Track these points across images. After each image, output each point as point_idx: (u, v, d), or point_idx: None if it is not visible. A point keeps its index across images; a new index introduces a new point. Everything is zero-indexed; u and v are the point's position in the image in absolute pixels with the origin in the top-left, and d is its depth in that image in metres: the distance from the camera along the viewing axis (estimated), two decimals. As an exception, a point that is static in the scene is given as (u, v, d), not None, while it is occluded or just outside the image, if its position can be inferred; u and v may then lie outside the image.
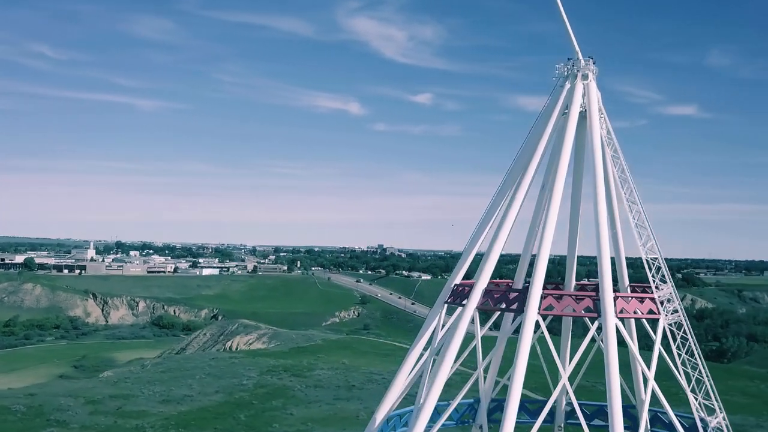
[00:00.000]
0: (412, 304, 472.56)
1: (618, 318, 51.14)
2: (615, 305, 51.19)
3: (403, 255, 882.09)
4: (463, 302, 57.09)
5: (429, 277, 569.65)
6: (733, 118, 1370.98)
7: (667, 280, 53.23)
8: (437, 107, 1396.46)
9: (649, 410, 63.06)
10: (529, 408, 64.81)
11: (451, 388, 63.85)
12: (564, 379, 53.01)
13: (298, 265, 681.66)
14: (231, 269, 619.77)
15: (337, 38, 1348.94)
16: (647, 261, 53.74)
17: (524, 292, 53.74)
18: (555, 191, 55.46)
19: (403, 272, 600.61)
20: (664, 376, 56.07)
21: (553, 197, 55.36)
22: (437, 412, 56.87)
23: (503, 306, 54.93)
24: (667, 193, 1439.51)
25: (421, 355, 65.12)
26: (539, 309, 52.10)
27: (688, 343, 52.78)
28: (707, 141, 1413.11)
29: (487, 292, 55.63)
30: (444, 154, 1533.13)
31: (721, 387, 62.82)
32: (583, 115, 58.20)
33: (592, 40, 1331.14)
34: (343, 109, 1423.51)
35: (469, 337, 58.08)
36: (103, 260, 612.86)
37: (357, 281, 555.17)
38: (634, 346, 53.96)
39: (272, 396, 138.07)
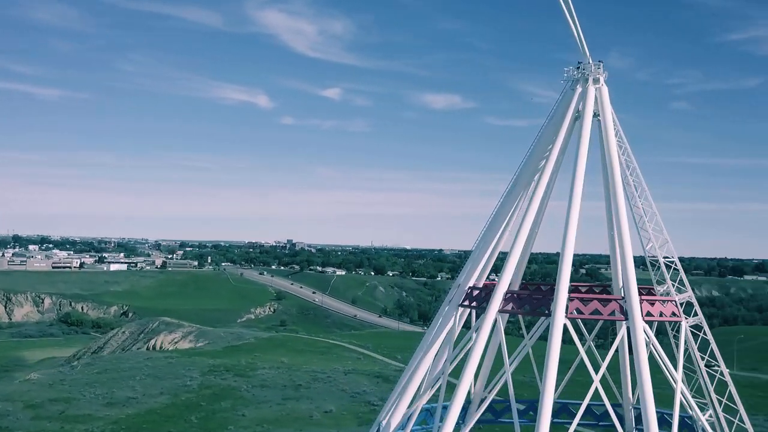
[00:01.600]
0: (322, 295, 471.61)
1: (645, 321, 52.07)
2: (641, 309, 52.10)
3: (314, 250, 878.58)
4: (483, 305, 57.05)
5: (344, 273, 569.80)
6: (629, 119, 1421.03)
7: (685, 282, 54.55)
8: (346, 102, 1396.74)
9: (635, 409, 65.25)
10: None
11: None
12: (596, 382, 53.37)
13: (209, 261, 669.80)
14: (139, 265, 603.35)
15: (247, 30, 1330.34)
16: (664, 264, 54.81)
17: (549, 296, 54.16)
18: (575, 193, 56.21)
19: (317, 267, 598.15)
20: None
21: (573, 199, 56.01)
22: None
23: (528, 310, 55.03)
24: (565, 189, 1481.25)
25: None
26: (566, 312, 52.47)
27: (687, 345, 54.13)
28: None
29: (509, 296, 55.66)
30: (353, 150, 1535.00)
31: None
32: (597, 119, 59.14)
33: (494, 37, 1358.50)
34: (250, 101, 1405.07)
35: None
36: (3, 255, 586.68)
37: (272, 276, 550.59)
38: (659, 350, 54.74)
39: (219, 397, 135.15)
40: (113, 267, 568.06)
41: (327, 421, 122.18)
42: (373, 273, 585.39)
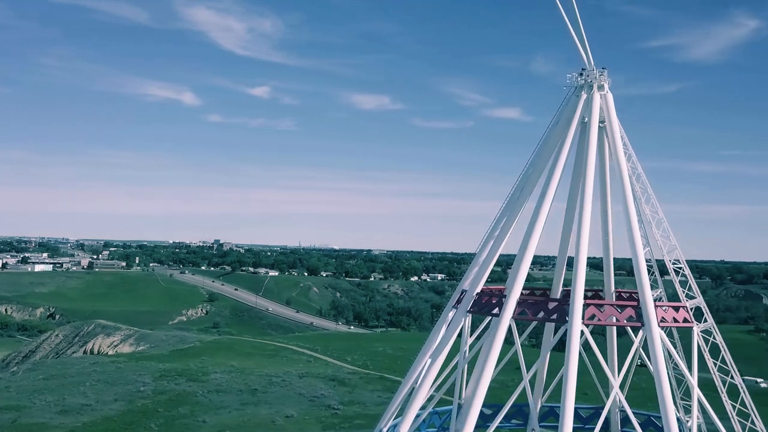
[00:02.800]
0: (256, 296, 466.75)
1: (660, 327, 52.67)
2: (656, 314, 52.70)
3: (242, 250, 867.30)
4: (494, 311, 56.87)
5: (276, 274, 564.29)
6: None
7: (694, 289, 55.36)
8: (274, 101, 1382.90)
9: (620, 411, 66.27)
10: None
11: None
12: (615, 388, 53.70)
13: (137, 261, 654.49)
14: (65, 265, 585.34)
15: (174, 27, 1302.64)
16: (672, 269, 55.55)
17: (564, 302, 54.33)
18: (586, 198, 56.48)
19: (249, 268, 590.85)
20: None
21: (585, 204, 56.32)
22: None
23: (543, 316, 55.04)
24: (494, 191, 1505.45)
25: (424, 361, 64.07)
26: (583, 319, 52.69)
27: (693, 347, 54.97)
28: (532, 143, 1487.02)
29: (522, 302, 55.58)
30: (281, 149, 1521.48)
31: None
32: (601, 125, 59.69)
33: (424, 39, 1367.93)
34: (175, 98, 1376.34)
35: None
36: None
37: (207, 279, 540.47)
38: (676, 355, 55.21)
39: (176, 402, 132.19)
40: (38, 267, 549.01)
41: (290, 426, 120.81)
42: (306, 274, 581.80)
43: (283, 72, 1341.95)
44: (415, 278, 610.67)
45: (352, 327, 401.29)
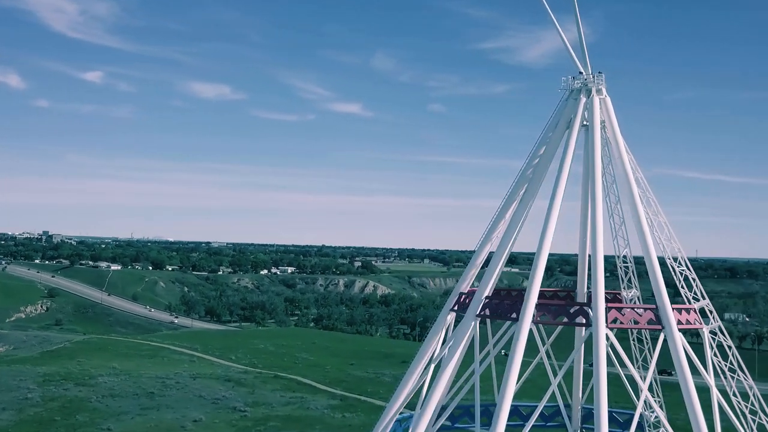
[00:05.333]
0: (108, 296, 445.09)
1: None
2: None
3: (74, 242, 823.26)
4: (511, 316, 56.81)
5: (119, 267, 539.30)
6: (392, 118, 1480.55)
7: (698, 291, 57.61)
8: (109, 87, 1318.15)
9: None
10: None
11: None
12: (644, 387, 54.80)
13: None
14: None
15: (1, 5, 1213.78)
16: (672, 268, 57.52)
17: (585, 305, 55.09)
18: (597, 200, 57.54)
19: (89, 262, 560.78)
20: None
21: (596, 206, 57.36)
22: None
23: (565, 320, 55.48)
24: (331, 185, 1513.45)
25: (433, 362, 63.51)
26: (607, 322, 53.60)
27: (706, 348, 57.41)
28: (371, 138, 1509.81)
29: (541, 306, 55.82)
30: (115, 137, 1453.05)
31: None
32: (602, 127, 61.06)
33: (267, 30, 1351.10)
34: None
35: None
36: None
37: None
38: (692, 356, 56.86)
39: (71, 410, 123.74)
40: None
41: (202, 431, 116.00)
42: (151, 268, 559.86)
43: (118, 57, 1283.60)
44: (265, 271, 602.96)
45: (196, 323, 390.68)
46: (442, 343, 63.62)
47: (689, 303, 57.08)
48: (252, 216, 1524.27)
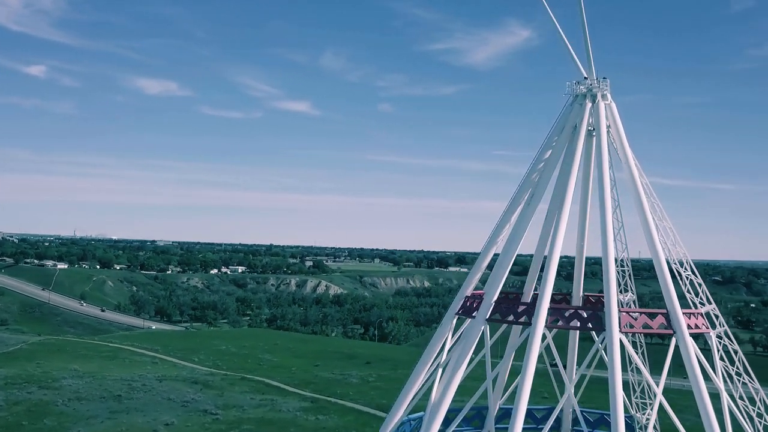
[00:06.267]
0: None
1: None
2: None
3: (15, 240, 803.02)
4: (520, 320, 56.97)
5: (66, 266, 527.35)
6: (340, 117, 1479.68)
7: (700, 292, 58.47)
8: (52, 81, 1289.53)
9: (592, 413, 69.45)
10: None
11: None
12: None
13: None
14: None
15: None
16: (678, 273, 58.25)
17: (599, 311, 55.43)
18: (606, 205, 58.05)
19: (34, 260, 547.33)
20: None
21: (606, 211, 57.85)
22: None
23: (578, 326, 55.75)
24: (278, 183, 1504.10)
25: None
26: (620, 327, 54.03)
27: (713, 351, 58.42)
28: (319, 137, 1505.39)
29: (553, 311, 55.98)
30: (58, 132, 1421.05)
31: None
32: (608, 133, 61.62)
33: (214, 27, 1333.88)
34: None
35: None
36: None
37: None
38: (703, 360, 57.49)
39: (38, 414, 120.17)
40: None
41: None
42: (99, 266, 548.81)
43: (62, 51, 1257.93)
44: (215, 271, 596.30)
45: (148, 323, 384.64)
46: (446, 347, 63.24)
47: (696, 308, 57.89)
48: (198, 214, 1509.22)
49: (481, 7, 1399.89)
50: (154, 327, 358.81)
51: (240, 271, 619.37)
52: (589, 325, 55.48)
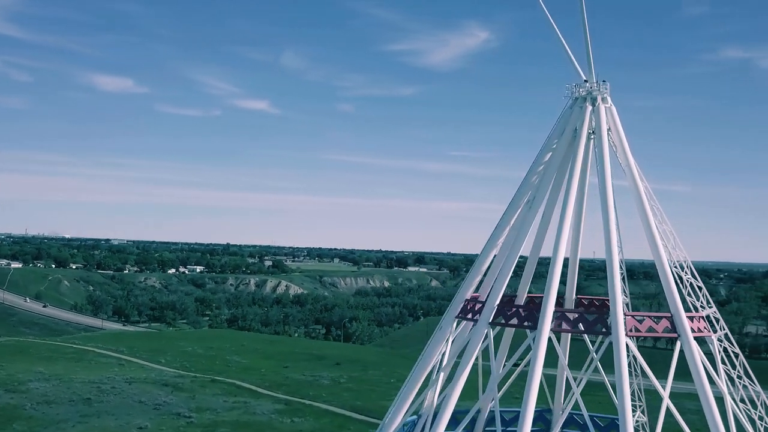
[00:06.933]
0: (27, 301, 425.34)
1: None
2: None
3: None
4: (525, 323, 56.67)
5: (20, 265, 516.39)
6: (300, 116, 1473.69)
7: (700, 296, 58.75)
8: (4, 76, 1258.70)
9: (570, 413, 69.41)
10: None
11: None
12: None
13: None
14: None
15: None
16: (678, 276, 58.37)
17: (605, 314, 55.39)
18: (609, 208, 58.09)
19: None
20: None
21: (610, 213, 57.89)
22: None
23: (583, 329, 55.66)
24: (236, 182, 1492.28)
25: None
26: (626, 331, 54.01)
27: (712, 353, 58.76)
28: (278, 136, 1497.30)
29: (562, 315, 55.75)
30: (10, 127, 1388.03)
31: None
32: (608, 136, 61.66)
33: (172, 24, 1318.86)
34: None
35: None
36: None
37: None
38: (707, 364, 57.66)
39: (6, 418, 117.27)
40: None
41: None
42: (54, 266, 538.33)
43: (16, 46, 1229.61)
44: (173, 270, 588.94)
45: (108, 324, 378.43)
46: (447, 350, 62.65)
47: (696, 311, 58.15)
48: (153, 213, 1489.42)
49: (441, 9, 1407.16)
50: (103, 326, 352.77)
51: (198, 270, 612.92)
52: (595, 328, 55.34)
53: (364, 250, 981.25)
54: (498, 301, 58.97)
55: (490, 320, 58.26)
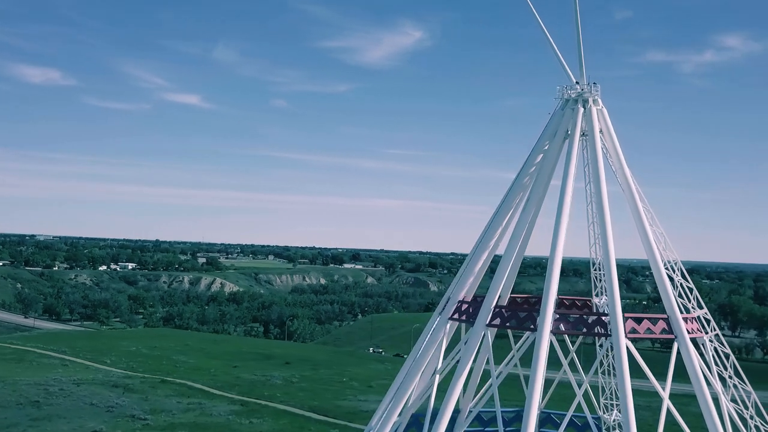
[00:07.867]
0: None
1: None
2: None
3: None
4: (524, 326, 56.60)
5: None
6: (233, 111, 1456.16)
7: (692, 297, 59.67)
8: None
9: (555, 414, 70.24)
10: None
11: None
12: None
13: None
14: None
15: None
16: (671, 278, 59.17)
17: (603, 315, 55.70)
18: (604, 209, 58.48)
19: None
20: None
21: (605, 215, 58.28)
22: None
23: (584, 331, 55.79)
24: (166, 177, 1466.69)
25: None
26: (626, 333, 54.41)
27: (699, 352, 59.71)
28: (210, 131, 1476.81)
29: (560, 318, 55.80)
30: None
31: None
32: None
33: (101, 16, 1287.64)
34: None
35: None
36: None
37: None
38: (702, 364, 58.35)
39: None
40: None
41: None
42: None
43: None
44: (104, 267, 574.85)
45: (39, 322, 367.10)
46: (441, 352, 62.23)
47: (687, 312, 58.95)
48: (80, 208, 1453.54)
49: (375, 7, 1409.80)
50: (34, 325, 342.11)
51: (130, 267, 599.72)
52: (595, 330, 55.56)
53: (299, 247, 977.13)
54: (495, 303, 58.70)
55: (487, 322, 57.91)
